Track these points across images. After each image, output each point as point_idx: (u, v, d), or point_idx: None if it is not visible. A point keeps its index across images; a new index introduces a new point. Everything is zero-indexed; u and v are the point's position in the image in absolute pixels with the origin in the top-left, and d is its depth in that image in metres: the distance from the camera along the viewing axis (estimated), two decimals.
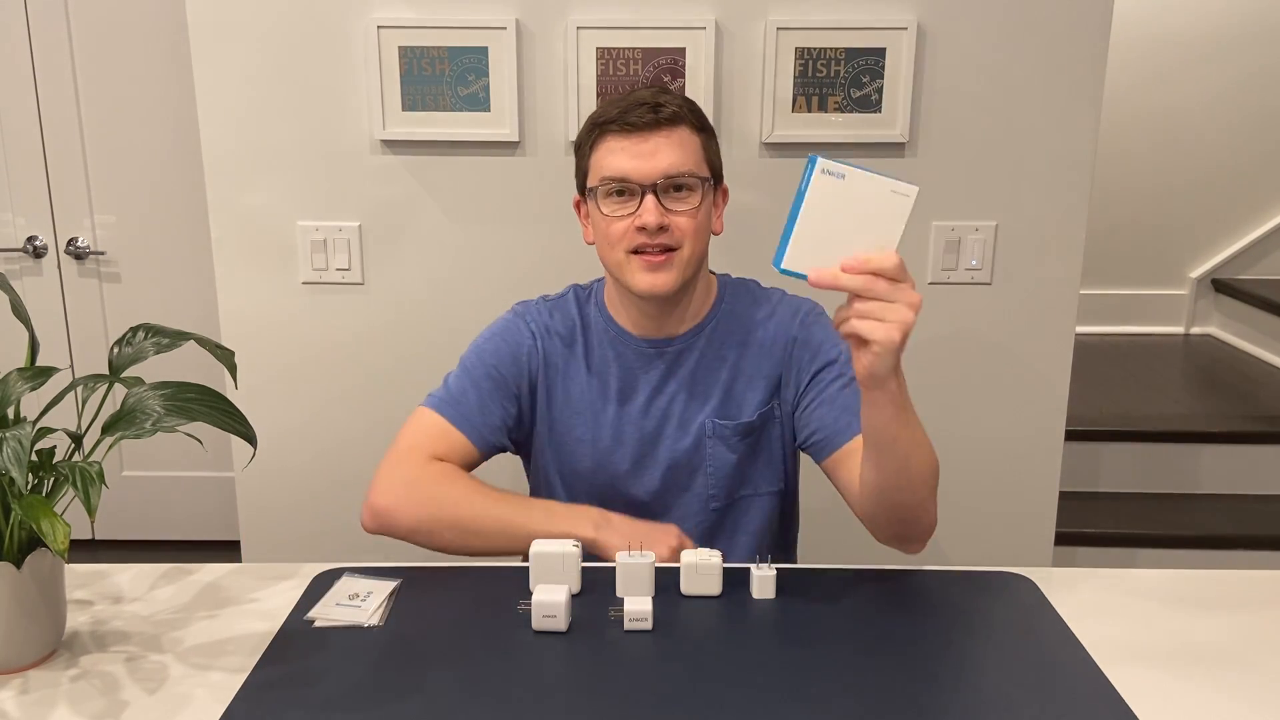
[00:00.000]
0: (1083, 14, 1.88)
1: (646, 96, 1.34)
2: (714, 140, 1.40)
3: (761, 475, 1.47)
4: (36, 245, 2.84)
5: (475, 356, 1.47)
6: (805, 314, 1.46)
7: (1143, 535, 2.50)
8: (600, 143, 1.35)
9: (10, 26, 2.71)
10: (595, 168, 1.36)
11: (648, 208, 1.31)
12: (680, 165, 1.32)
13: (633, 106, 1.33)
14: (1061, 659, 1.12)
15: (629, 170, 1.32)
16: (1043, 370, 2.05)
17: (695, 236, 1.35)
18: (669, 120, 1.33)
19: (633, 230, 1.33)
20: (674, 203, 1.33)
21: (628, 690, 1.05)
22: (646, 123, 1.32)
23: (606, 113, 1.35)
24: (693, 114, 1.37)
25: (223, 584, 1.30)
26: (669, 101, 1.34)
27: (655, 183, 1.32)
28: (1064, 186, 1.96)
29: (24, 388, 1.07)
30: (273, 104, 1.95)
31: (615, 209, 1.34)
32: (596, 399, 1.45)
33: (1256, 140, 3.62)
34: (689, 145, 1.34)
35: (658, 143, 1.32)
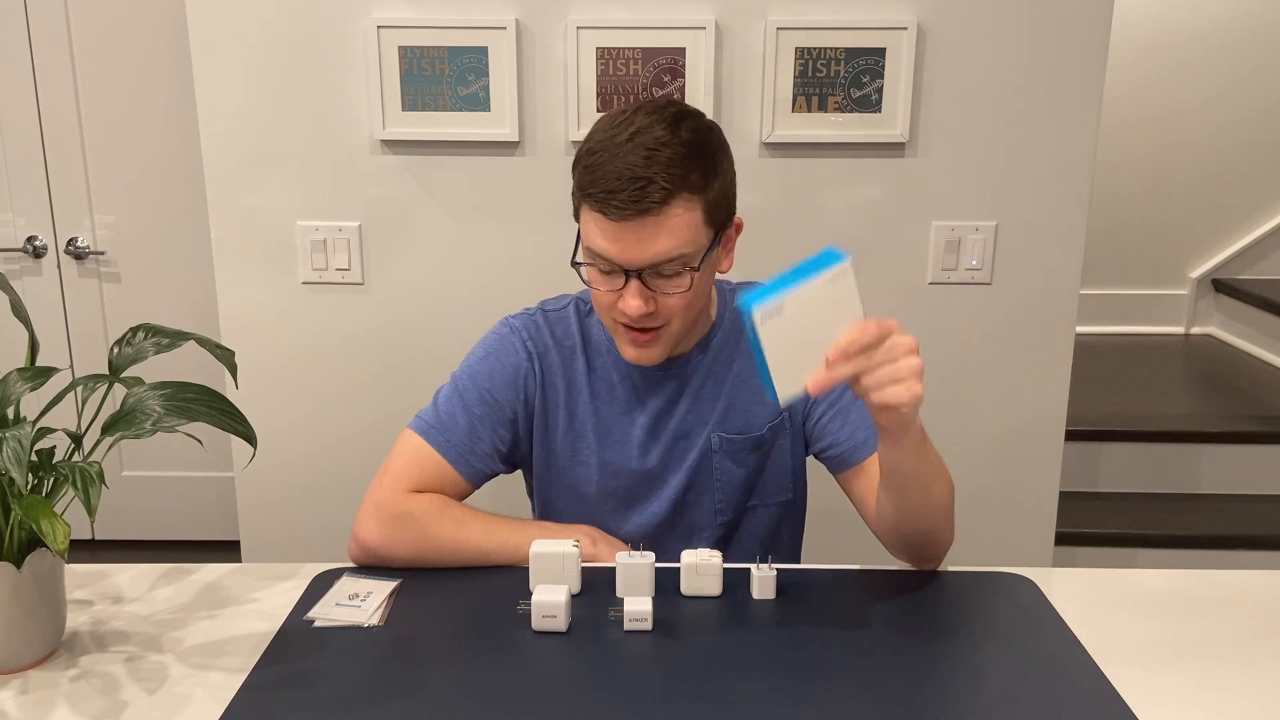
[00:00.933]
0: (1083, 14, 1.88)
1: (638, 165, 1.17)
2: (721, 180, 1.25)
3: (770, 486, 1.44)
4: (36, 245, 2.84)
5: (468, 378, 1.39)
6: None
7: (1143, 535, 2.50)
8: (587, 210, 1.22)
9: (10, 26, 2.71)
10: (584, 229, 1.25)
11: (630, 294, 1.22)
12: (669, 252, 1.20)
13: (620, 185, 1.17)
14: (1061, 659, 1.12)
15: (613, 255, 1.21)
16: (1043, 370, 2.05)
17: (684, 312, 1.27)
18: (659, 203, 1.18)
19: (618, 308, 1.25)
20: (663, 285, 1.23)
21: (628, 690, 1.05)
22: (630, 214, 1.18)
23: (594, 179, 1.19)
24: (693, 174, 1.20)
25: (223, 584, 1.30)
26: (660, 174, 1.17)
27: (642, 270, 1.21)
28: (1064, 186, 1.96)
29: (24, 388, 1.07)
30: (273, 104, 1.95)
31: (602, 284, 1.26)
32: (602, 418, 1.40)
33: (1256, 140, 3.62)
34: (682, 224, 1.20)
35: (644, 231, 1.19)
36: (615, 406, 1.40)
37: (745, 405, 1.41)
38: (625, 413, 1.40)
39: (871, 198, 1.97)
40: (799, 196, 1.98)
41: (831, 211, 1.98)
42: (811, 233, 1.99)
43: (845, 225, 1.99)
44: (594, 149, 1.22)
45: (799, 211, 1.98)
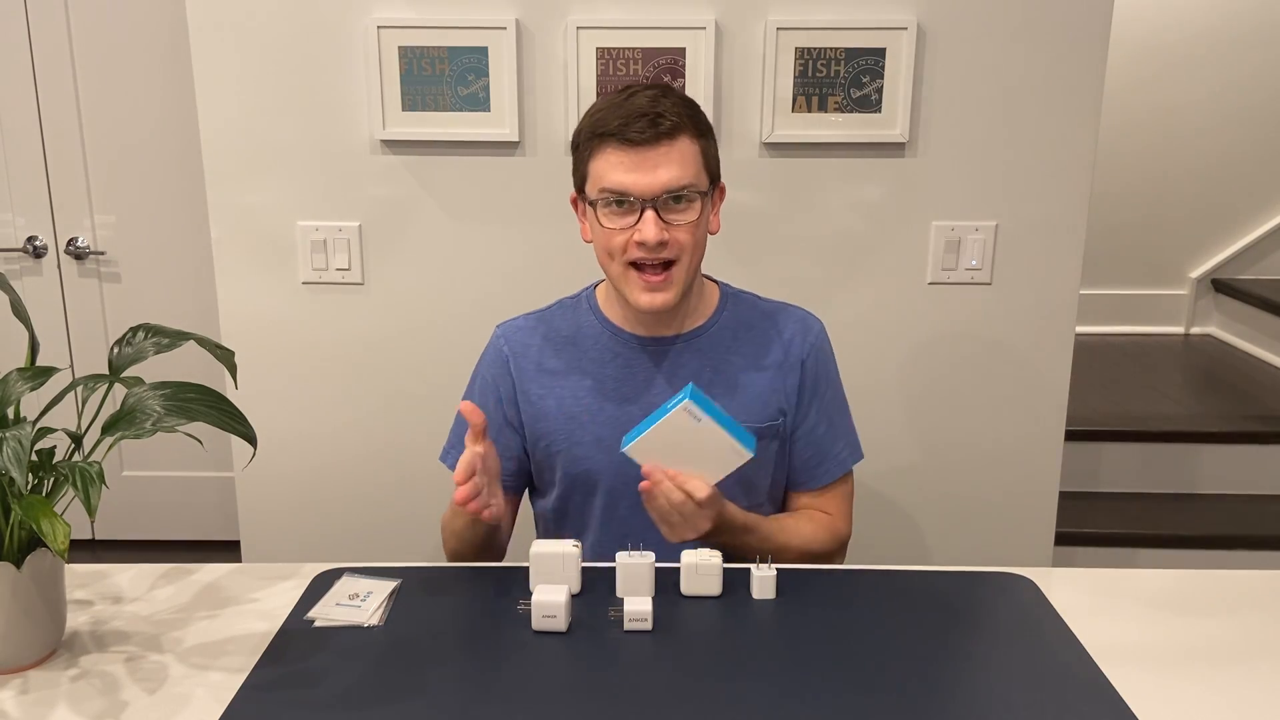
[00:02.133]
0: (1083, 14, 1.88)
1: (645, 105, 1.30)
2: (713, 142, 1.38)
3: (759, 483, 1.46)
4: (36, 245, 2.84)
5: (469, 395, 1.51)
6: (816, 333, 1.48)
7: (1143, 535, 2.50)
8: (599, 152, 1.32)
9: (10, 26, 2.71)
10: (594, 176, 1.34)
11: (647, 223, 1.30)
12: (681, 179, 1.31)
13: (633, 118, 1.29)
14: (1061, 659, 1.12)
15: (629, 185, 1.30)
16: (1043, 370, 2.05)
17: (694, 249, 1.35)
18: (669, 133, 1.30)
19: (632, 244, 1.32)
20: (674, 215, 1.32)
21: (628, 690, 1.06)
22: (646, 138, 1.29)
23: (606, 121, 1.32)
24: (692, 120, 1.34)
25: (223, 584, 1.30)
26: (668, 111, 1.31)
27: (656, 197, 1.30)
28: (1064, 186, 1.96)
29: (24, 388, 1.07)
30: (273, 104, 1.95)
31: (614, 221, 1.33)
32: (594, 401, 1.44)
33: (1256, 140, 3.62)
34: (689, 156, 1.32)
35: (658, 157, 1.30)
36: (607, 384, 1.44)
37: (744, 401, 1.43)
38: (619, 390, 1.44)
39: (871, 198, 1.97)
40: (799, 196, 1.98)
41: (831, 211, 1.98)
42: (811, 233, 1.99)
43: (845, 225, 1.99)
44: (598, 109, 1.35)
45: (799, 211, 1.98)
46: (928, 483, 2.10)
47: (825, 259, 2.01)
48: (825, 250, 2.00)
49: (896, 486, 2.10)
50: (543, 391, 1.46)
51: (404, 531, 2.11)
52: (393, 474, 2.13)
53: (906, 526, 2.13)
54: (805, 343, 1.46)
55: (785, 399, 1.45)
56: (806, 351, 1.46)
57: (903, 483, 2.10)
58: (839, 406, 1.51)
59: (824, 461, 1.48)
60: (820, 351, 1.48)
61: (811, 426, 1.47)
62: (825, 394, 1.48)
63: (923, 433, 2.08)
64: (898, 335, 2.04)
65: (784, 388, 1.45)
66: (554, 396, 1.45)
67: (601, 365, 1.45)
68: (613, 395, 1.44)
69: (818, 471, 1.48)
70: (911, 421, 2.08)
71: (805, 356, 1.46)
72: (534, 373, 1.46)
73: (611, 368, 1.44)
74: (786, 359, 1.45)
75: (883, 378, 2.05)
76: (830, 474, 1.49)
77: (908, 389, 2.06)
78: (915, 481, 2.10)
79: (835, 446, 1.49)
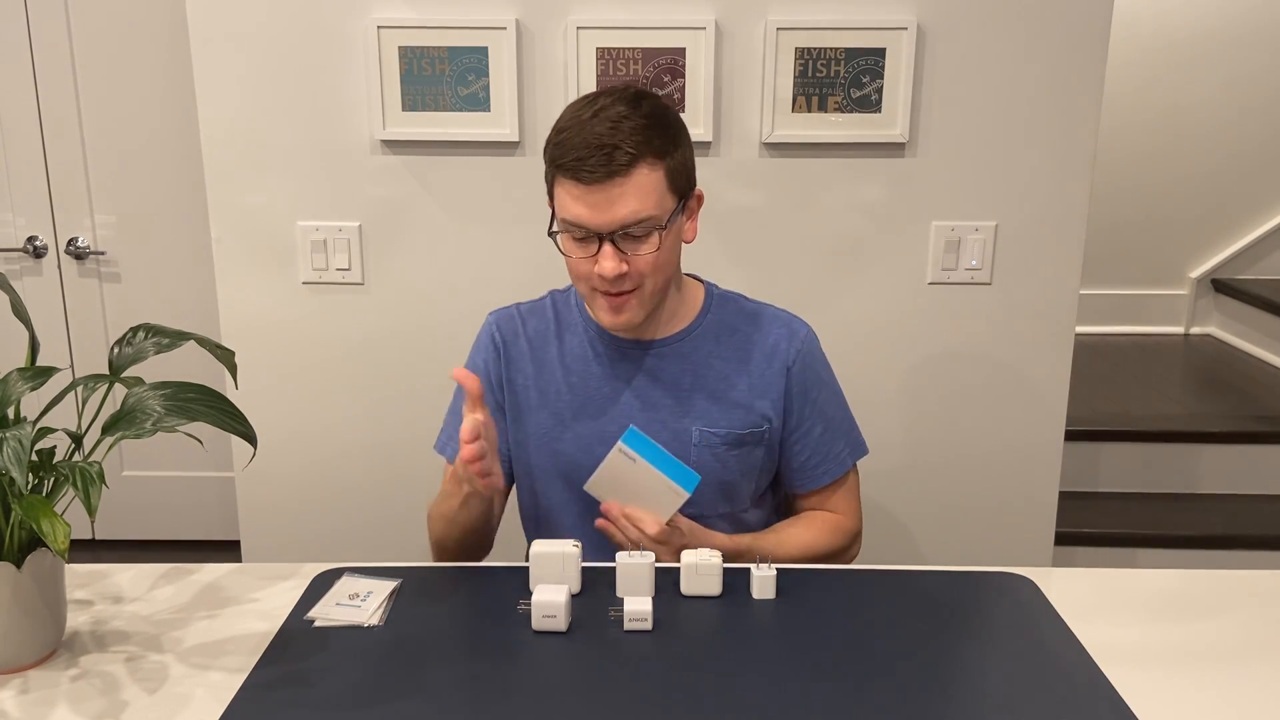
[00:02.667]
0: (1083, 14, 1.88)
1: (604, 134, 1.26)
2: (681, 152, 1.33)
3: (742, 490, 1.46)
4: (36, 245, 2.84)
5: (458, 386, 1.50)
6: (802, 338, 1.47)
7: (1143, 535, 2.50)
8: (558, 182, 1.31)
9: (10, 26, 2.71)
10: (557, 203, 1.33)
11: (605, 256, 1.29)
12: (638, 213, 1.28)
13: (588, 153, 1.26)
14: (1061, 659, 1.12)
15: (585, 219, 1.29)
16: (1043, 370, 2.05)
17: (656, 272, 1.33)
18: (625, 167, 1.26)
19: (593, 273, 1.32)
20: (633, 246, 1.30)
21: (628, 690, 1.06)
22: (598, 177, 1.26)
23: (564, 151, 1.28)
24: (655, 142, 1.28)
25: (223, 584, 1.30)
26: (626, 140, 1.26)
27: (613, 232, 1.29)
28: (1064, 186, 1.96)
29: (24, 388, 1.07)
30: (273, 104, 1.95)
31: (576, 250, 1.33)
32: (575, 400, 1.44)
33: (1256, 140, 3.62)
34: (647, 187, 1.28)
35: (613, 192, 1.27)
36: (590, 382, 1.44)
37: (725, 407, 1.43)
38: (599, 390, 1.44)
39: (871, 198, 1.97)
40: (799, 196, 1.98)
41: (831, 211, 1.98)
42: (811, 233, 1.99)
43: (845, 225, 1.99)
44: (562, 128, 1.31)
45: (799, 211, 1.98)
46: (927, 483, 2.10)
47: (825, 259, 2.01)
48: (825, 250, 2.00)
49: (896, 486, 2.10)
50: (527, 383, 1.46)
51: (404, 531, 2.11)
52: (393, 474, 2.13)
53: (906, 526, 2.13)
54: (790, 349, 1.45)
55: (771, 405, 1.44)
56: (792, 358, 1.45)
57: (902, 483, 2.10)
58: (836, 405, 1.50)
59: (823, 462, 1.48)
60: (807, 356, 1.46)
61: (806, 430, 1.47)
62: (817, 397, 1.47)
63: (922, 433, 2.08)
64: (898, 335, 2.04)
65: (768, 394, 1.44)
66: (537, 389, 1.46)
67: (585, 363, 1.45)
68: (594, 395, 1.44)
69: (817, 473, 1.48)
70: (911, 421, 2.08)
71: (791, 363, 1.44)
72: (521, 363, 1.47)
73: (594, 366, 1.45)
74: (771, 366, 1.44)
75: (882, 378, 2.05)
76: (831, 474, 1.48)
77: (907, 389, 2.06)
78: (915, 481, 2.10)
79: (835, 446, 1.48)
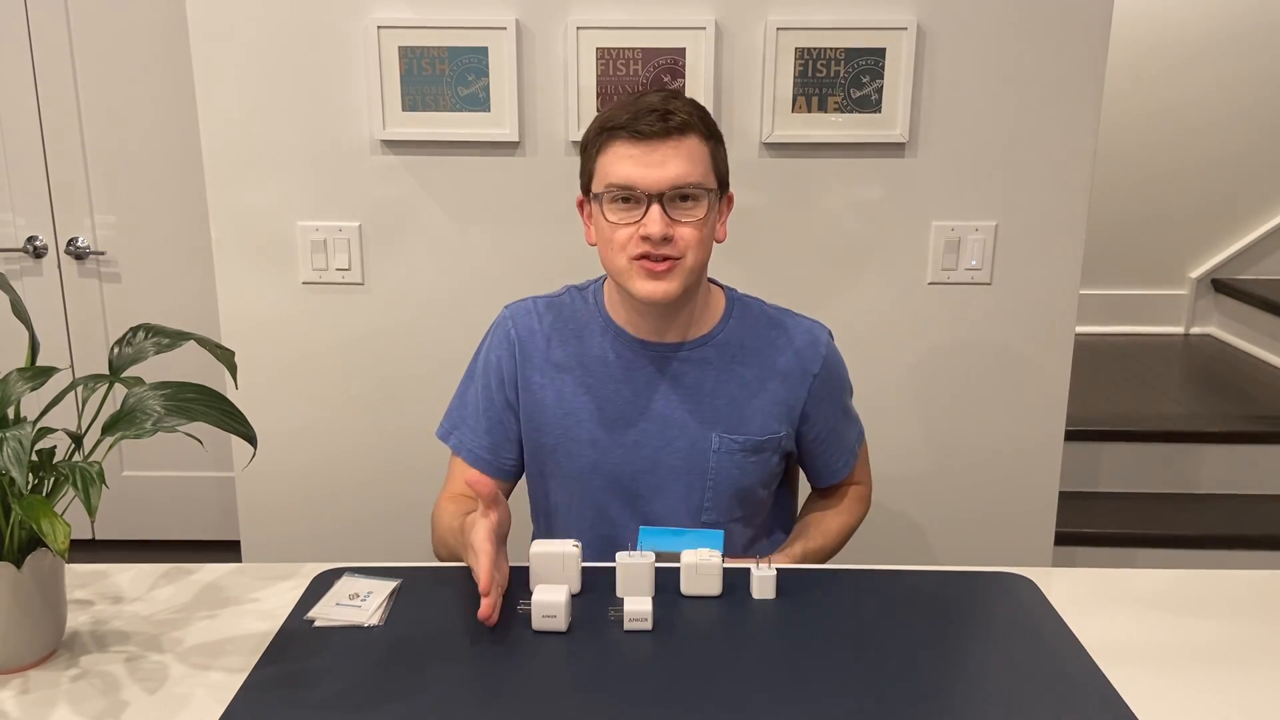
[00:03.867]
0: (1083, 14, 1.88)
1: (656, 102, 1.31)
2: (722, 148, 1.38)
3: (758, 496, 1.47)
4: (36, 245, 2.84)
5: (472, 373, 1.52)
6: (825, 345, 1.48)
7: (1143, 535, 2.50)
8: (608, 147, 1.32)
9: (10, 26, 2.71)
10: (601, 172, 1.33)
11: (653, 218, 1.29)
12: (688, 176, 1.30)
13: (643, 113, 1.29)
14: (1061, 659, 1.12)
15: (636, 178, 1.29)
16: (1043, 370, 2.05)
17: (699, 246, 1.33)
18: (679, 129, 1.30)
19: (637, 238, 1.31)
20: (680, 213, 1.31)
21: (628, 690, 1.06)
22: (656, 131, 1.29)
23: (615, 117, 1.31)
24: (703, 122, 1.34)
25: (223, 584, 1.30)
26: (679, 108, 1.31)
27: (662, 193, 1.29)
28: (1064, 186, 1.96)
29: (24, 388, 1.07)
30: (273, 104, 1.95)
31: (620, 216, 1.32)
32: (592, 401, 1.43)
33: (1256, 140, 3.62)
34: (697, 155, 1.32)
35: (666, 152, 1.29)
36: (609, 384, 1.43)
37: (752, 413, 1.43)
38: (618, 391, 1.43)
39: (871, 198, 1.97)
40: (799, 196, 1.98)
41: (831, 211, 1.98)
42: (811, 233, 1.99)
43: (845, 225, 1.99)
44: (607, 112, 1.35)
45: (799, 211, 1.98)
46: (927, 483, 2.10)
47: (825, 259, 2.01)
48: (825, 250, 2.00)
49: (896, 486, 2.09)
50: (544, 381, 1.45)
51: (404, 531, 2.11)
52: (393, 473, 2.13)
53: (906, 526, 2.13)
54: (815, 355, 1.46)
55: (790, 412, 1.45)
56: (818, 365, 1.46)
57: (902, 483, 2.10)
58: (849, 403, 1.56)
59: (841, 455, 1.54)
60: (830, 361, 1.48)
61: (831, 428, 1.50)
62: (839, 401, 1.51)
63: (922, 433, 2.08)
64: (898, 335, 2.04)
65: (790, 401, 1.44)
66: (553, 389, 1.44)
67: (604, 365, 1.44)
68: (612, 397, 1.43)
69: (837, 466, 1.54)
70: (911, 422, 2.08)
71: (817, 370, 1.45)
72: (538, 361, 1.45)
73: (613, 369, 1.43)
74: (794, 372, 1.45)
75: (882, 378, 2.05)
76: (849, 465, 1.55)
77: (907, 389, 2.06)
78: (915, 481, 2.10)
79: (849, 439, 1.54)
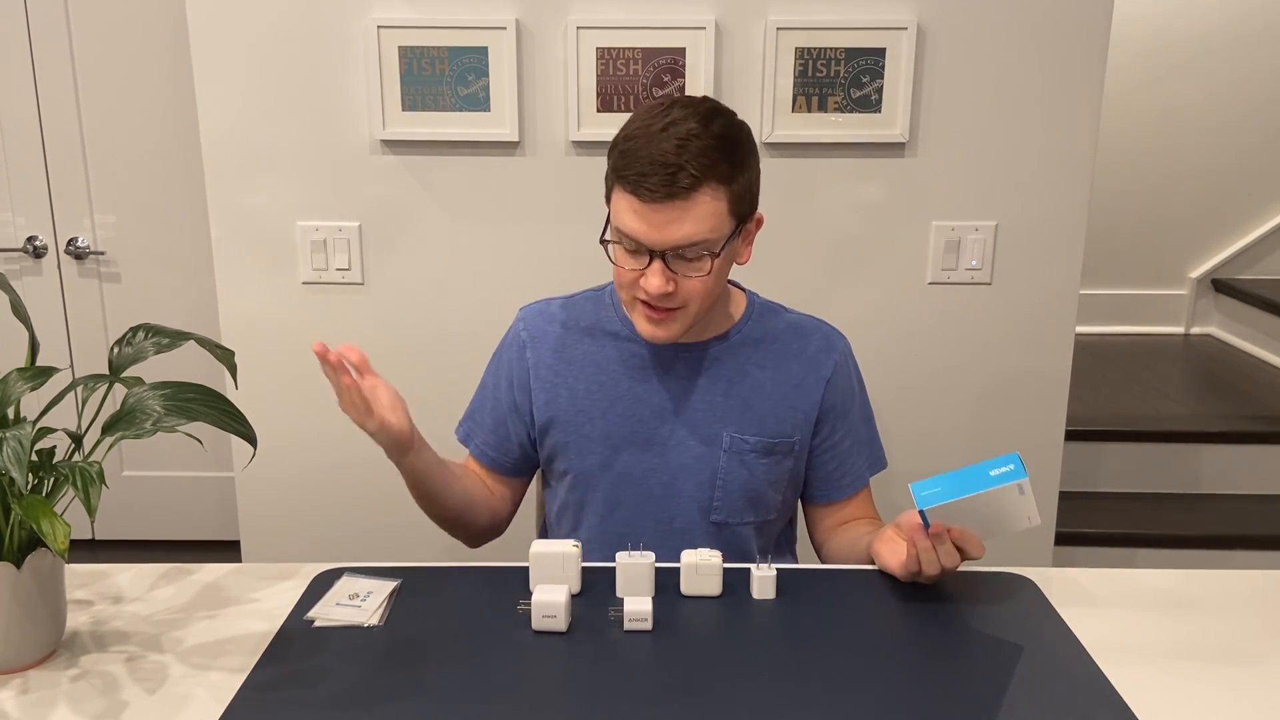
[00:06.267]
0: (1083, 14, 1.88)
1: (670, 153, 1.23)
2: (747, 176, 1.30)
3: (769, 500, 1.46)
4: (36, 245, 2.84)
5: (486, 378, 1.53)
6: (841, 352, 1.48)
7: (1143, 535, 2.50)
8: (618, 191, 1.29)
9: (10, 26, 2.71)
10: (614, 209, 1.31)
11: (653, 273, 1.28)
12: (693, 236, 1.26)
13: (652, 169, 1.23)
14: (1061, 659, 1.12)
15: (640, 234, 1.27)
16: (1043, 370, 2.05)
17: (704, 295, 1.32)
18: (686, 189, 1.23)
19: (639, 285, 1.30)
20: (684, 267, 1.29)
21: (628, 690, 1.05)
22: (658, 196, 1.24)
23: (629, 164, 1.26)
24: (721, 165, 1.25)
25: (223, 584, 1.30)
26: (691, 162, 1.23)
27: (664, 251, 1.27)
28: (1064, 186, 1.96)
29: (24, 388, 1.07)
30: (273, 104, 1.95)
31: (625, 261, 1.31)
32: (605, 398, 1.43)
33: (1256, 140, 3.62)
34: (708, 212, 1.26)
35: (671, 213, 1.25)
36: (622, 382, 1.44)
37: (764, 415, 1.43)
38: (632, 389, 1.43)
39: (871, 198, 1.97)
40: (799, 196, 1.98)
41: (831, 211, 1.98)
42: (811, 233, 1.99)
43: (845, 225, 1.99)
44: (630, 135, 1.29)
45: (799, 211, 1.98)
46: None
47: (825, 259, 2.01)
48: (825, 250, 2.00)
49: (896, 487, 2.09)
50: (556, 380, 1.45)
51: (404, 531, 2.11)
52: (393, 474, 2.11)
53: None
54: (829, 361, 1.45)
55: (804, 416, 1.44)
56: (831, 371, 1.45)
57: (903, 483, 2.09)
58: (864, 419, 1.52)
59: (845, 475, 1.49)
60: (844, 368, 1.47)
61: (835, 443, 1.48)
62: (849, 411, 1.48)
63: (922, 433, 2.08)
64: (898, 335, 2.04)
65: (803, 405, 1.44)
66: (566, 386, 1.45)
67: (617, 363, 1.44)
68: (625, 395, 1.43)
69: (839, 485, 1.49)
70: (911, 422, 2.08)
71: (830, 376, 1.45)
72: (550, 359, 1.46)
73: (627, 367, 1.44)
74: (809, 377, 1.44)
75: (882, 378, 2.05)
76: (852, 487, 1.50)
77: (907, 389, 2.06)
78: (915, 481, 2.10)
79: (856, 461, 1.50)
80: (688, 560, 1.24)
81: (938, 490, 1.19)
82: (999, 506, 1.18)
